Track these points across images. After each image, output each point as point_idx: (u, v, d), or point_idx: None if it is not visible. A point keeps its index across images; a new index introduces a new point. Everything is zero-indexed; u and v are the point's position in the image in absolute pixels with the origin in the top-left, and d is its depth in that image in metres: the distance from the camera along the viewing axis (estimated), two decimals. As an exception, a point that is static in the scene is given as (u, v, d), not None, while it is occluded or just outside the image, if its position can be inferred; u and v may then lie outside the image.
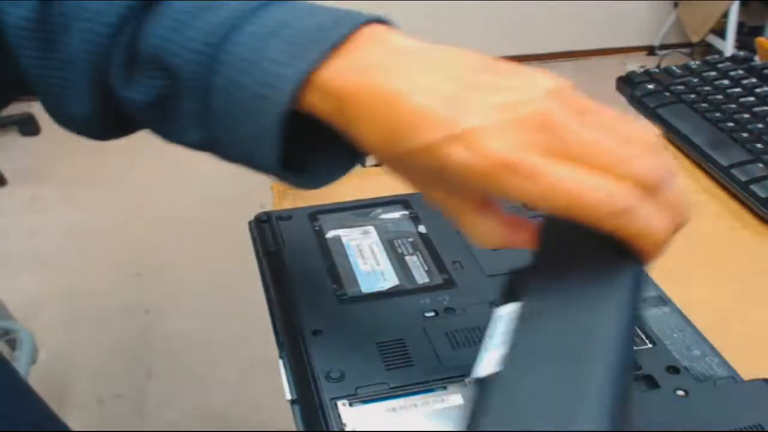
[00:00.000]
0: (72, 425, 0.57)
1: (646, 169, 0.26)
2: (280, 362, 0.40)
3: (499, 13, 2.66)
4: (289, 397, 0.38)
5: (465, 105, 0.27)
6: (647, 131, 0.28)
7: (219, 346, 1.55)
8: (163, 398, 1.45)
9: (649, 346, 0.41)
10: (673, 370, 0.39)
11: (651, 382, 0.38)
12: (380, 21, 0.31)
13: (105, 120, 0.37)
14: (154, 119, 0.36)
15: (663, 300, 0.46)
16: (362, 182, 0.61)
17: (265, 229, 0.49)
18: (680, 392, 0.37)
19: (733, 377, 0.40)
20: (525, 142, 0.26)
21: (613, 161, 0.26)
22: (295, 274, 0.45)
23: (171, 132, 0.36)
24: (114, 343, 1.58)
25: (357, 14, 0.31)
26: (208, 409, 1.43)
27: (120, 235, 1.89)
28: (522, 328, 0.25)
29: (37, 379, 1.44)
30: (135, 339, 1.59)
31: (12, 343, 1.45)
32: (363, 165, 0.38)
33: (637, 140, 0.27)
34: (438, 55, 0.29)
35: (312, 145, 0.34)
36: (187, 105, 0.33)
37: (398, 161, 0.30)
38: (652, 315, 0.44)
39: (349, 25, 0.30)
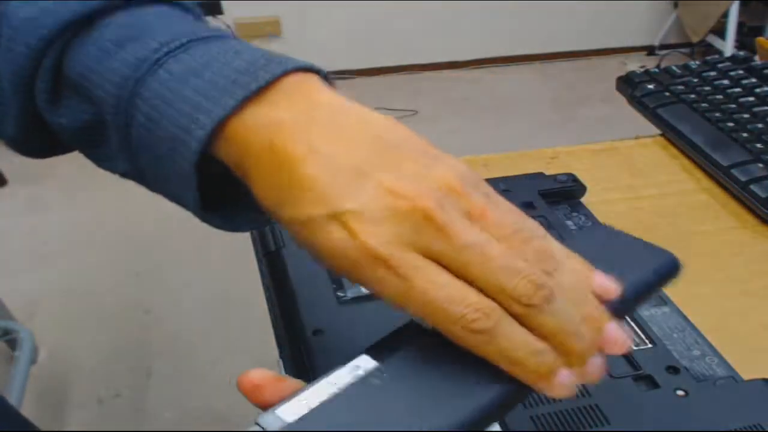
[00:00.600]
0: (72, 425, 0.57)
1: (523, 287, 0.24)
2: (280, 362, 0.40)
3: (499, 13, 2.66)
4: (289, 397, 0.38)
5: (353, 184, 0.25)
6: (539, 238, 0.26)
7: (219, 346, 1.55)
8: (163, 398, 1.45)
9: (649, 346, 0.41)
10: (673, 370, 0.39)
11: (651, 382, 0.38)
12: (309, 69, 0.30)
13: (33, 139, 0.36)
14: (83, 145, 0.34)
15: (663, 300, 0.46)
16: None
17: (265, 229, 0.49)
18: (680, 392, 0.37)
19: (733, 377, 0.40)
20: (401, 236, 0.25)
21: (486, 273, 0.24)
22: (295, 274, 0.45)
23: (101, 159, 0.34)
24: (114, 343, 1.58)
25: (284, 60, 0.29)
26: (208, 409, 1.43)
27: (120, 235, 1.89)
28: (343, 398, 0.24)
29: (37, 379, 1.44)
30: (135, 339, 1.59)
31: (12, 343, 1.45)
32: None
33: (531, 251, 0.25)
34: (352, 119, 0.28)
35: (235, 189, 0.32)
36: (113, 136, 0.32)
37: (283, 224, 0.28)
38: (652, 315, 0.44)
39: (272, 73, 0.28)
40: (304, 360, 0.38)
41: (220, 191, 0.32)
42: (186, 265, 1.77)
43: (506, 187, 0.54)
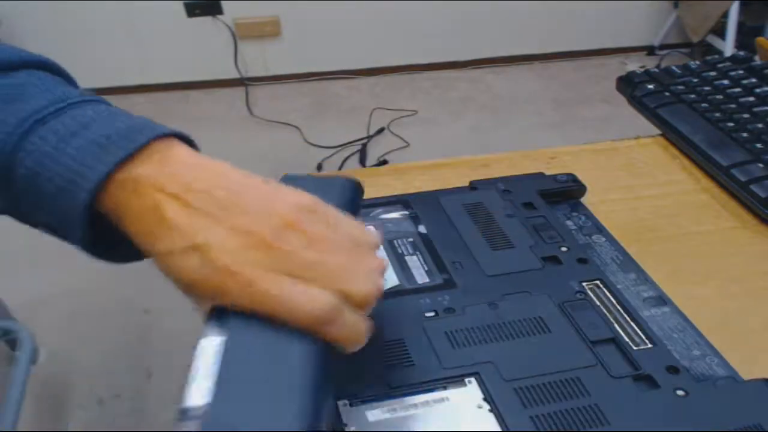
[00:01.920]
0: (72, 425, 0.57)
1: (355, 287, 0.32)
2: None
3: (499, 13, 2.66)
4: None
5: (207, 224, 0.31)
6: (370, 262, 0.33)
7: (219, 346, 1.55)
8: (163, 398, 1.45)
9: (649, 346, 0.41)
10: (673, 370, 0.39)
11: (651, 382, 0.38)
12: (177, 135, 0.34)
13: None
14: None
15: (663, 300, 0.46)
16: (362, 182, 0.61)
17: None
18: (680, 392, 0.37)
19: (733, 377, 0.40)
20: (251, 259, 0.30)
21: (325, 277, 0.31)
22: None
23: None
24: (114, 342, 1.58)
25: (154, 127, 0.34)
26: (208, 409, 1.43)
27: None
28: (226, 360, 0.29)
29: (37, 379, 1.44)
30: (135, 339, 1.59)
31: (12, 343, 1.45)
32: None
33: (360, 268, 0.33)
34: (207, 173, 0.33)
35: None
36: None
37: (153, 258, 0.33)
38: (652, 315, 0.44)
39: (144, 137, 0.33)
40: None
41: (100, 228, 0.34)
42: (186, 265, 1.77)
43: (506, 187, 0.54)
